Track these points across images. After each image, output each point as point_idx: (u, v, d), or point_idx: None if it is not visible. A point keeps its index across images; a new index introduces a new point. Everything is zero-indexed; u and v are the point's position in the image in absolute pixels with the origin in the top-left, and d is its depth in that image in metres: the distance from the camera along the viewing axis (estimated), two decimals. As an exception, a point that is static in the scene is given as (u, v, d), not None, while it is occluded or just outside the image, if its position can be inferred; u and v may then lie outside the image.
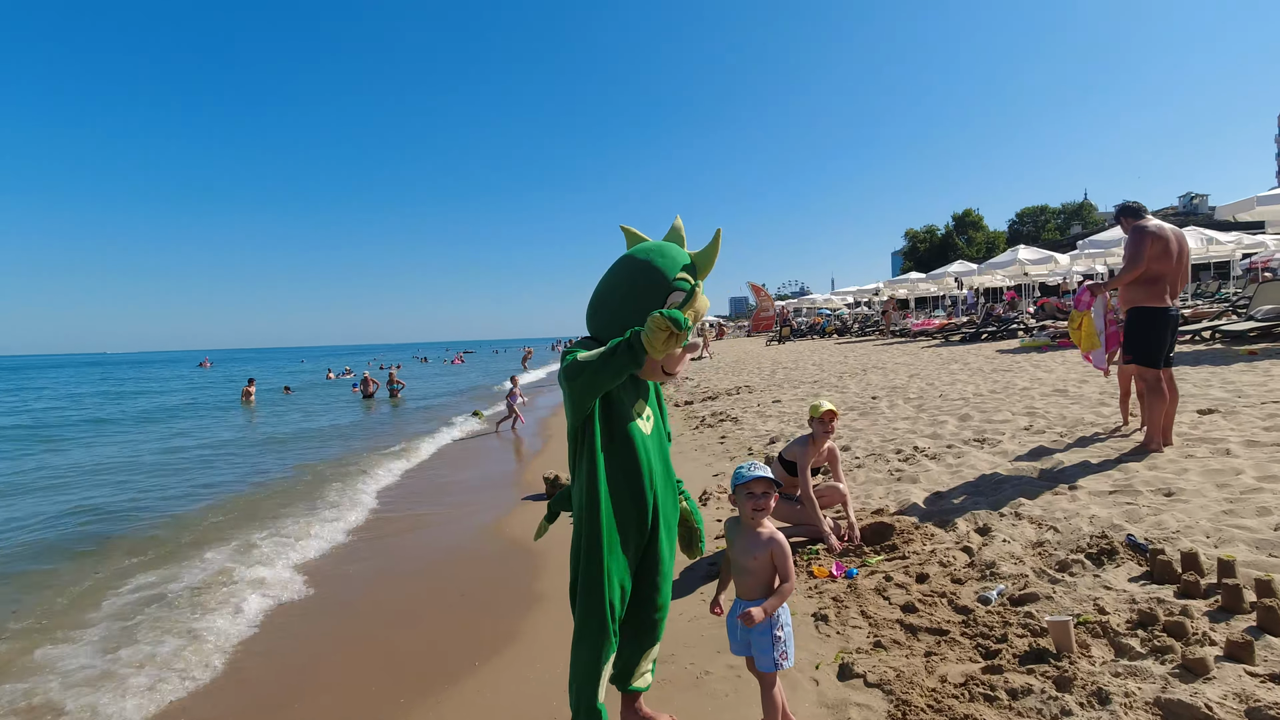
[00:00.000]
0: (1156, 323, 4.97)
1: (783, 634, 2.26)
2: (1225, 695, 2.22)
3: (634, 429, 2.31)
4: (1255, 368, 8.14)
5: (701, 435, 8.99)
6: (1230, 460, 4.54)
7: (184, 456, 11.39)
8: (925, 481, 5.19)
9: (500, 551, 5.33)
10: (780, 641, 2.26)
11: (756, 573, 2.29)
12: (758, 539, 2.29)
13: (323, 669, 3.58)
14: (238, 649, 3.88)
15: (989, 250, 55.24)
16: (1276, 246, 21.86)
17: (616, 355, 2.02)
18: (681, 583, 4.00)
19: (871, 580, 3.63)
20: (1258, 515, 3.58)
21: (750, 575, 2.30)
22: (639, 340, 1.99)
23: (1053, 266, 22.02)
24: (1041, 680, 2.48)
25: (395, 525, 6.42)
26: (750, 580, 2.31)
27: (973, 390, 9.10)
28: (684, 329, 1.98)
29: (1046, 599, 3.07)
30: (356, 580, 4.95)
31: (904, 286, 33.12)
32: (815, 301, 48.05)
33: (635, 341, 2.00)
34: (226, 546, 5.76)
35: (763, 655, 2.28)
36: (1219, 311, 13.75)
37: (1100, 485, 4.42)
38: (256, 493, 8.12)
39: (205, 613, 4.34)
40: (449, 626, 3.97)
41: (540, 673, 3.23)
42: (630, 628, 2.45)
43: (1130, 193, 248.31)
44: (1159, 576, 3.08)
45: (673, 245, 2.39)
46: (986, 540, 3.86)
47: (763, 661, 2.28)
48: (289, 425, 15.37)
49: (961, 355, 14.47)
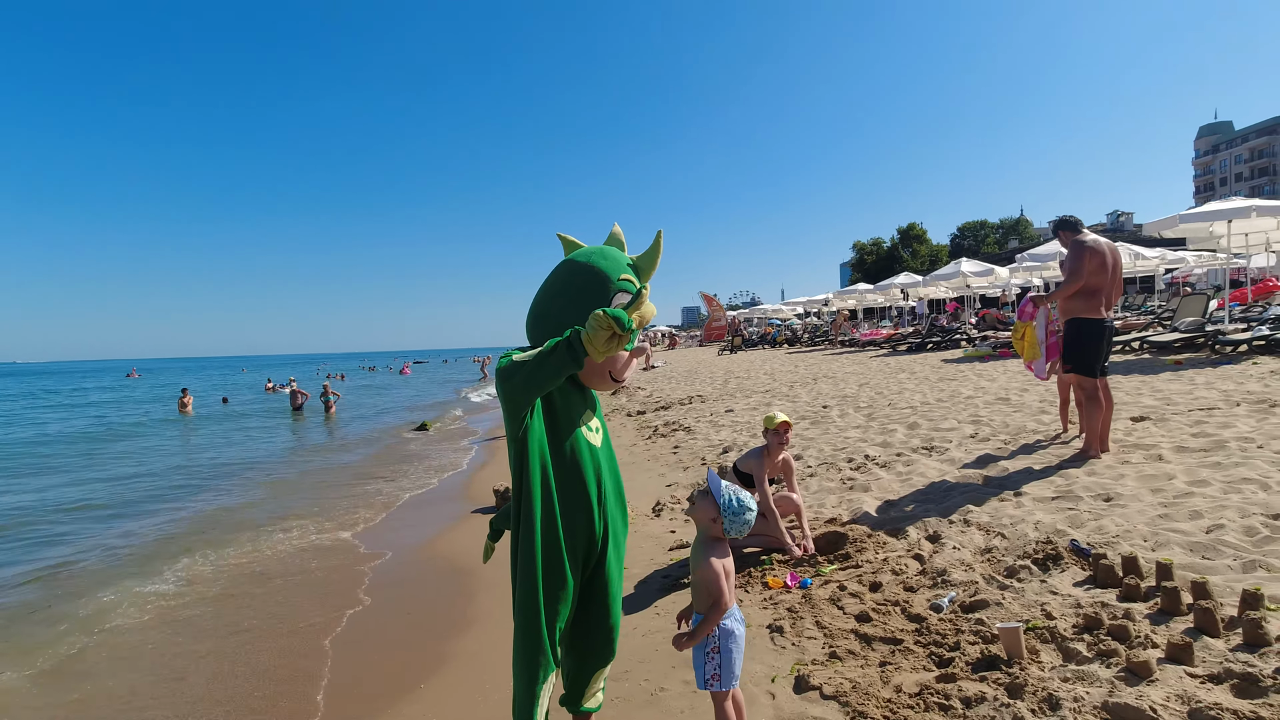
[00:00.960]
0: (1093, 333, 5.14)
1: (717, 655, 2.20)
2: (1169, 697, 2.26)
3: (581, 441, 2.23)
4: (1181, 377, 8.54)
5: (654, 445, 8.95)
6: (1163, 465, 4.71)
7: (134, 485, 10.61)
8: (877, 490, 5.24)
9: (444, 569, 5.16)
10: (713, 661, 2.19)
11: (698, 584, 2.26)
12: (705, 549, 2.24)
13: (259, 686, 3.38)
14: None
15: (932, 263, 57.00)
16: (1196, 262, 23.14)
17: (555, 354, 1.94)
18: (635, 597, 3.92)
19: (826, 590, 3.62)
20: (1190, 519, 3.71)
21: (693, 586, 2.28)
22: (579, 340, 1.91)
23: (992, 279, 22.82)
24: (994, 688, 2.49)
25: (337, 537, 6.17)
26: (694, 591, 2.29)
27: (920, 399, 9.30)
28: (627, 329, 1.91)
29: (996, 605, 3.11)
30: (298, 593, 4.72)
31: (853, 297, 33.88)
32: (766, 312, 48.72)
33: (575, 341, 1.92)
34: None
35: (697, 672, 2.25)
36: (1146, 323, 14.44)
37: (1044, 491, 4.53)
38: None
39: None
40: (388, 646, 3.80)
41: (488, 693, 3.11)
42: (581, 648, 2.36)
43: (1063, 209, 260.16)
44: (1102, 580, 3.14)
45: (613, 249, 2.33)
46: (937, 548, 3.91)
47: (698, 678, 2.25)
48: (228, 448, 14.02)
49: (908, 365, 14.82)
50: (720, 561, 2.20)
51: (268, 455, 12.29)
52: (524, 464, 2.14)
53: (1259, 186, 79.50)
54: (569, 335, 1.95)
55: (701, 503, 2.24)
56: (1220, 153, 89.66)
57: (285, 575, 5.29)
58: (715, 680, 2.20)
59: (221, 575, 5.34)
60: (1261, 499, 3.84)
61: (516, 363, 2.00)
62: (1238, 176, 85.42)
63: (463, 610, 4.26)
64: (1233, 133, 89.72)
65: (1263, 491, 3.95)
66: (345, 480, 9.33)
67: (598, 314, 1.90)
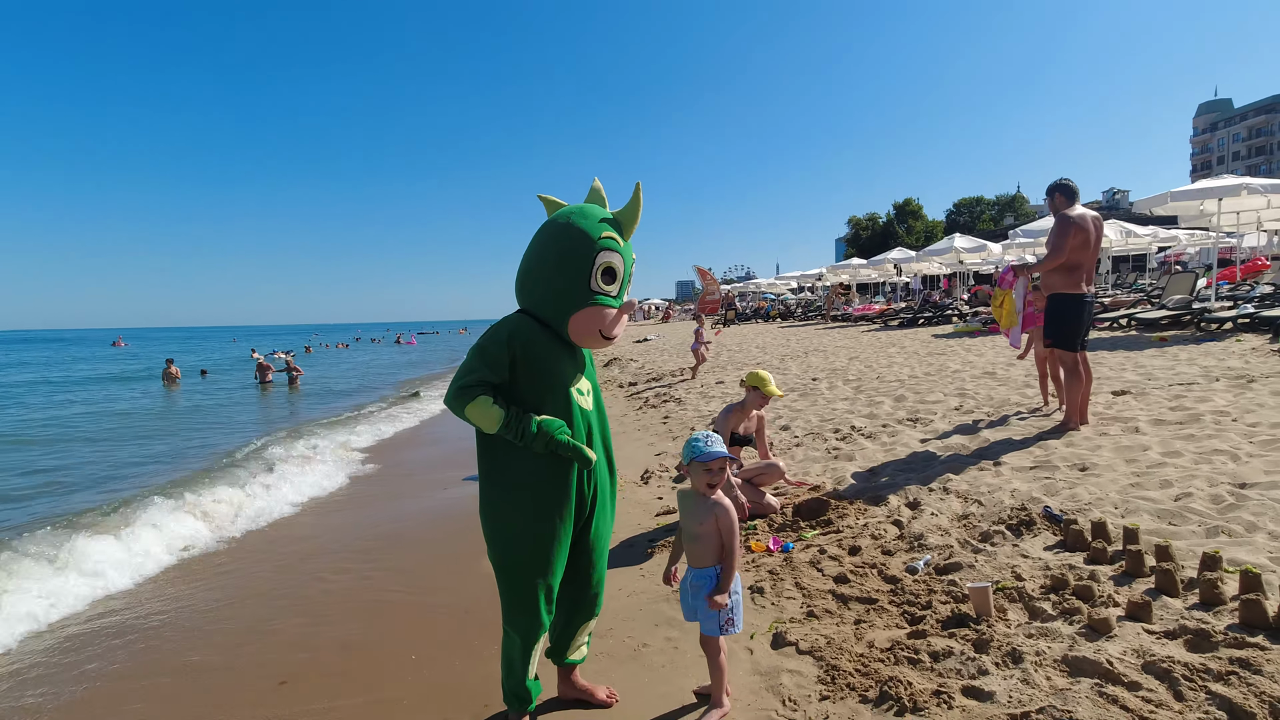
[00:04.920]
0: (1075, 308, 5.22)
1: (730, 601, 2.31)
2: (1125, 651, 2.38)
3: (574, 404, 2.29)
4: (1165, 353, 8.66)
5: (645, 416, 9.04)
6: (1139, 438, 4.82)
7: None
8: (861, 459, 5.35)
9: (444, 534, 5.25)
10: (726, 608, 2.30)
11: (705, 539, 2.33)
12: (705, 504, 2.32)
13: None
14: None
15: (927, 239, 56.95)
16: (1188, 240, 23.22)
17: (483, 424, 2.15)
18: (622, 559, 4.03)
19: (806, 554, 3.73)
20: (1160, 488, 3.82)
21: (699, 542, 2.34)
22: (529, 433, 2.16)
23: (985, 255, 22.85)
24: (961, 643, 2.60)
25: (336, 505, 6.26)
26: (699, 547, 2.35)
27: (908, 373, 9.41)
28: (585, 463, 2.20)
29: (969, 567, 3.22)
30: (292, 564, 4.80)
31: (846, 272, 33.87)
32: (760, 286, 48.70)
33: (525, 432, 2.16)
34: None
35: (708, 620, 2.32)
36: (1135, 300, 14.56)
37: (1022, 461, 4.64)
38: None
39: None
40: (388, 612, 3.89)
41: (478, 650, 3.21)
42: (567, 603, 2.46)
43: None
44: (1071, 545, 3.26)
45: (592, 205, 2.34)
46: (916, 514, 4.02)
47: (708, 626, 2.32)
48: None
49: (899, 339, 14.93)
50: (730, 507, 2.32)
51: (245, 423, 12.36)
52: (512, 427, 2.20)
53: (1255, 166, 79.35)
54: (521, 428, 2.15)
55: (693, 472, 2.33)
56: (1219, 131, 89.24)
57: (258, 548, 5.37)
58: (730, 624, 2.31)
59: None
60: (1230, 469, 3.95)
61: (452, 402, 2.15)
62: (1235, 155, 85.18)
63: (461, 571, 4.36)
64: (1231, 111, 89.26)
65: (1232, 462, 4.07)
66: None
67: (559, 441, 2.18)
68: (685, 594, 2.43)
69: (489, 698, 2.69)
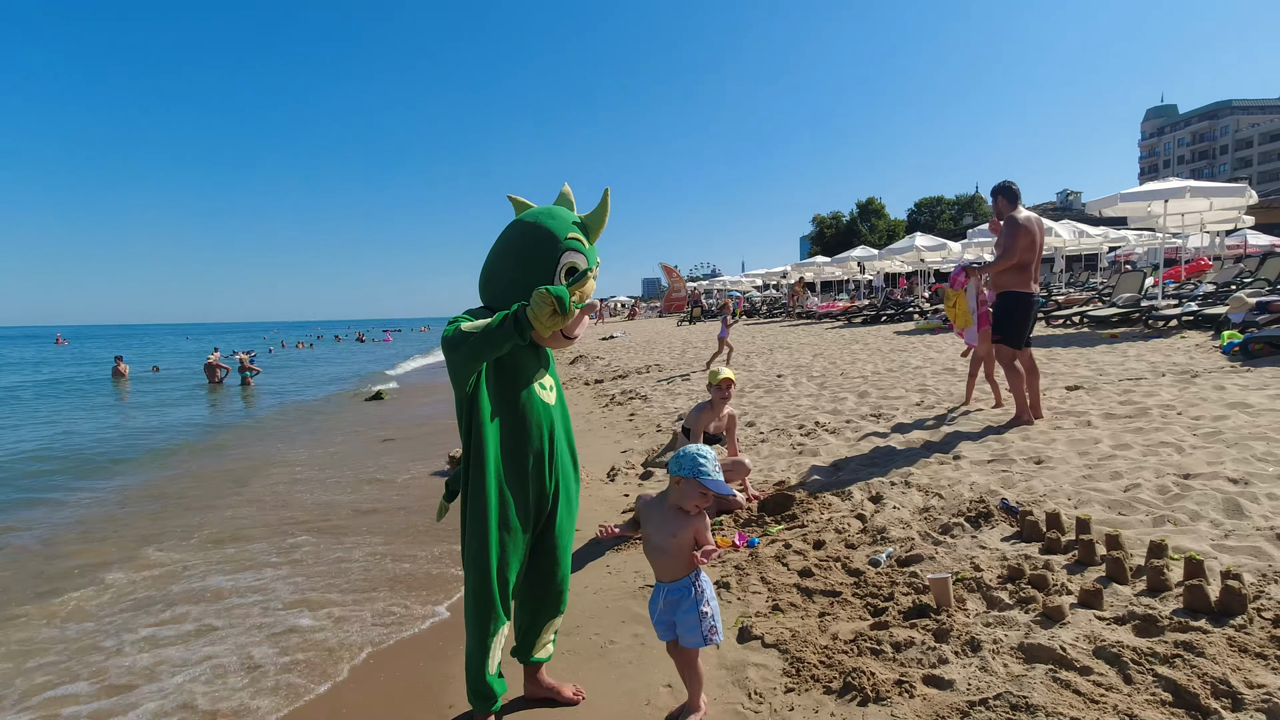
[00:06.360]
0: (1023, 306, 5.38)
1: (709, 609, 2.21)
2: (1078, 637, 2.45)
3: (536, 400, 2.29)
4: (1115, 349, 8.96)
5: (611, 413, 9.03)
6: (1091, 431, 4.98)
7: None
8: (825, 454, 5.42)
9: (399, 530, 5.17)
10: (707, 617, 2.20)
11: (677, 552, 2.21)
12: (679, 516, 2.19)
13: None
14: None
15: (889, 237, 57.96)
16: (1136, 241, 24.04)
17: (501, 328, 1.99)
18: (588, 556, 4.02)
19: (772, 549, 3.77)
20: (1111, 479, 3.95)
21: (671, 555, 2.22)
22: (524, 314, 1.96)
23: (945, 254, 23.36)
24: (922, 633, 2.65)
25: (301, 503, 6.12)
26: (670, 560, 2.23)
27: (871, 369, 9.57)
28: (566, 311, 1.97)
29: (930, 559, 3.28)
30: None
31: (810, 270, 34.31)
32: (726, 283, 49.05)
33: (521, 315, 1.97)
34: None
35: (689, 634, 2.21)
36: (1087, 298, 15.03)
37: (981, 455, 4.75)
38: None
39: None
40: (347, 607, 3.82)
41: (442, 648, 3.17)
42: (531, 601, 2.44)
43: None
44: (1027, 535, 3.35)
45: (561, 208, 2.35)
46: (879, 508, 4.08)
47: (690, 639, 2.21)
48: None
49: (863, 336, 15.17)
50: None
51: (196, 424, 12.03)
52: (474, 421, 2.18)
53: (1199, 169, 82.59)
54: (515, 310, 1.99)
55: (686, 488, 2.17)
56: (1165, 135, 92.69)
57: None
58: (714, 633, 2.21)
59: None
60: (1175, 461, 4.11)
61: (463, 333, 2.03)
62: (1180, 159, 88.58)
63: (424, 568, 4.30)
64: (1177, 116, 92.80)
65: (1177, 454, 4.22)
66: (285, 449, 9.19)
67: (540, 291, 1.94)
68: (657, 611, 2.28)
69: (454, 698, 2.66)
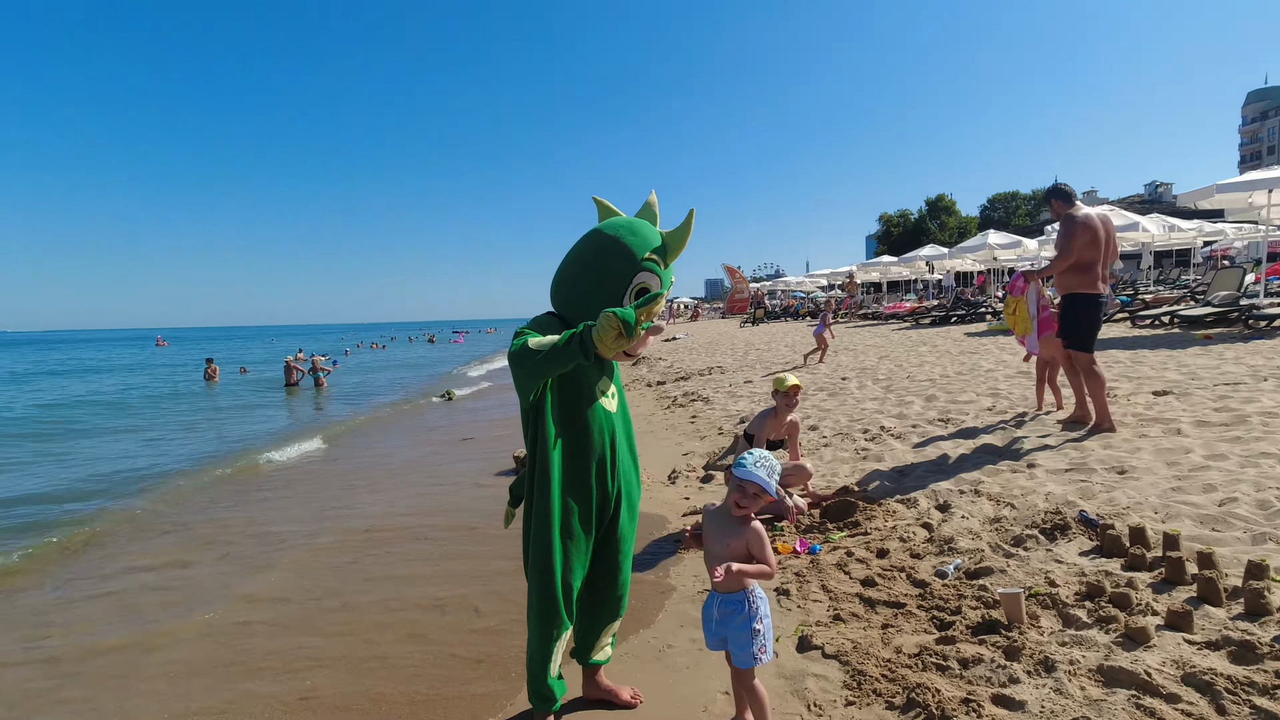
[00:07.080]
0: (1090, 308, 5.10)
1: (761, 627, 2.15)
2: (1164, 662, 2.30)
3: (598, 408, 2.32)
4: (1209, 351, 8.38)
5: (673, 415, 9.03)
6: (1181, 440, 4.67)
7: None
8: (890, 460, 5.27)
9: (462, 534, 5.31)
10: (759, 635, 2.14)
11: (732, 560, 2.13)
12: (734, 524, 2.16)
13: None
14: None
15: (961, 235, 55.94)
16: (1235, 235, 22.43)
17: (567, 349, 1.99)
18: (648, 560, 4.03)
19: (833, 556, 3.69)
20: (1204, 492, 3.70)
21: (723, 563, 2.15)
22: (590, 336, 1.96)
23: (1020, 251, 22.36)
24: (992, 650, 2.55)
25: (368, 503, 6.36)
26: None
27: (939, 372, 9.24)
28: (631, 335, 1.95)
29: (1000, 572, 3.15)
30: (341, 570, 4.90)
31: (876, 270, 33.45)
32: (790, 284, 48.29)
33: (586, 336, 1.96)
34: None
35: (740, 651, 2.16)
36: (1178, 297, 14.11)
37: (1057, 463, 4.53)
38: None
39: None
40: (409, 607, 3.95)
41: (506, 647, 3.24)
42: (592, 604, 2.47)
43: (1099, 179, 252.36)
44: (1108, 550, 3.17)
45: (644, 223, 2.33)
46: (946, 517, 3.94)
47: (740, 657, 2.16)
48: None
49: (930, 338, 14.68)
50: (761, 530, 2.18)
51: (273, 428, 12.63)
52: (538, 430, 2.23)
53: (1308, 156, 76.32)
54: (581, 330, 1.98)
55: (729, 485, 2.16)
56: (1269, 120, 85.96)
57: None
58: (763, 652, 2.15)
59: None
60: (1278, 474, 3.81)
61: (530, 350, 2.05)
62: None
63: (485, 565, 4.40)
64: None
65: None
66: (359, 451, 9.55)
67: (607, 314, 1.91)
68: (710, 622, 2.24)
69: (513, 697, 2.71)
